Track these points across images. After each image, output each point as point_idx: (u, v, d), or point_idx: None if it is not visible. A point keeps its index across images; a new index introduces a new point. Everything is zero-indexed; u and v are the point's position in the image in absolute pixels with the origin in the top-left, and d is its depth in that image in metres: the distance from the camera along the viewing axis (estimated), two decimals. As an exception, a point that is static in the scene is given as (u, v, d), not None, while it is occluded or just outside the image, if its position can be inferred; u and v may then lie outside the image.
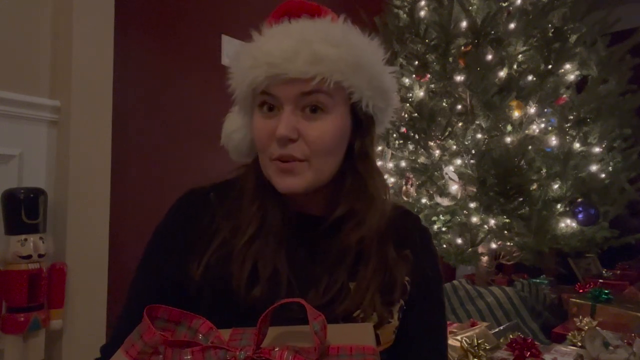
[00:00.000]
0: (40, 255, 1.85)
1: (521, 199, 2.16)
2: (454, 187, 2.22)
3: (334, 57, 0.81)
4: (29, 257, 1.82)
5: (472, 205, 2.20)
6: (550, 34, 2.22)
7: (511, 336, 1.76)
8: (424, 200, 2.39)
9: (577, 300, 2.26)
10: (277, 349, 0.61)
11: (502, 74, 2.26)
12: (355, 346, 0.64)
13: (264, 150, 0.86)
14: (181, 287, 0.86)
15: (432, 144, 2.31)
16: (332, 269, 0.86)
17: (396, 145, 2.53)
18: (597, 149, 2.28)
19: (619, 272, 3.11)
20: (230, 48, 2.70)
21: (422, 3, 2.48)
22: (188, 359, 0.60)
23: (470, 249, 2.26)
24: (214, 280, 0.85)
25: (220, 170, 0.99)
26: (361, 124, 0.91)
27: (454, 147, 2.26)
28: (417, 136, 2.35)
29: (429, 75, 2.39)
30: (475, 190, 2.18)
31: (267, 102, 0.85)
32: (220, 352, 0.61)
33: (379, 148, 2.53)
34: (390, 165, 2.53)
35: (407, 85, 2.51)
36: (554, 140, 2.21)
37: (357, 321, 0.83)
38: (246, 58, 0.85)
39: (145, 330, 0.61)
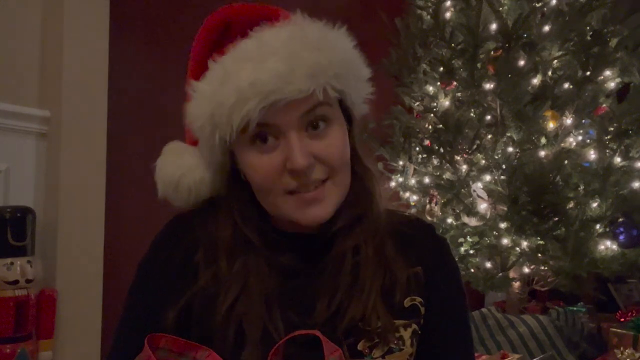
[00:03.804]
0: (28, 281, 1.83)
1: (556, 218, 2.09)
2: (483, 206, 2.18)
3: (326, 63, 0.76)
4: (15, 282, 1.80)
5: (503, 225, 2.17)
6: (589, 38, 2.17)
7: (547, 371, 1.67)
8: (449, 220, 2.36)
9: (618, 330, 2.20)
10: None
11: (536, 81, 2.21)
12: None
13: (272, 190, 0.80)
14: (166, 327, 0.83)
15: (458, 158, 2.29)
16: (333, 281, 0.83)
17: (419, 160, 2.53)
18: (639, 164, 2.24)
19: (664, 298, 3.15)
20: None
21: (448, 4, 2.44)
22: None
23: (500, 274, 2.23)
24: (198, 321, 0.82)
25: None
26: (351, 122, 0.88)
27: (483, 161, 2.24)
28: (442, 150, 2.33)
29: (455, 83, 2.37)
30: (506, 209, 2.13)
31: (261, 134, 0.78)
32: None
33: (400, 162, 2.53)
34: (413, 181, 2.52)
35: (431, 93, 2.50)
36: (592, 154, 2.16)
37: (364, 333, 0.81)
38: (224, 89, 0.76)
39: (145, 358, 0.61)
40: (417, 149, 2.49)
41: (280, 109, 0.74)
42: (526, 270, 2.31)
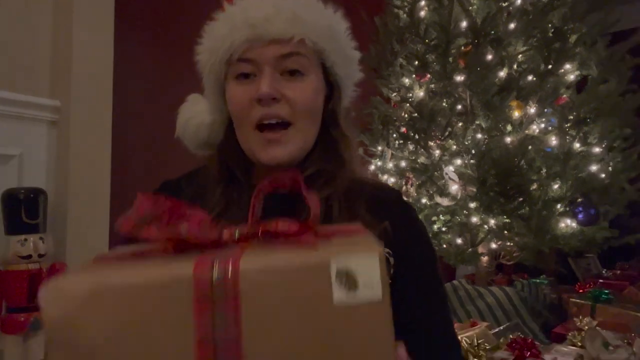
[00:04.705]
0: (40, 255, 1.85)
1: (521, 199, 2.16)
2: (454, 187, 2.22)
3: (311, 20, 0.85)
4: (29, 257, 1.83)
5: (472, 205, 2.20)
6: (550, 34, 2.22)
7: (511, 336, 1.75)
8: (424, 200, 2.38)
9: (577, 300, 2.25)
10: (273, 222, 0.59)
11: (502, 74, 2.26)
12: (344, 226, 0.66)
13: (245, 117, 0.87)
14: None
15: (432, 144, 2.32)
16: None
17: (396, 145, 2.54)
18: (597, 149, 2.27)
19: (619, 272, 3.09)
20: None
21: (422, 3, 2.48)
22: (184, 227, 0.57)
23: (470, 249, 2.26)
24: None
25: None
26: (332, 90, 0.94)
27: (454, 147, 2.27)
28: (417, 136, 2.36)
29: (429, 75, 2.40)
30: (475, 190, 2.19)
31: (244, 71, 0.86)
32: (217, 225, 0.59)
33: (379, 148, 2.54)
34: (390, 165, 2.53)
35: (407, 85, 2.52)
36: (554, 140, 2.21)
37: None
38: (222, 25, 0.88)
39: (139, 204, 0.59)
40: (394, 135, 2.51)
41: (261, 46, 0.83)
42: (493, 245, 2.34)
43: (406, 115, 2.49)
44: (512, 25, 2.24)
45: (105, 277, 0.52)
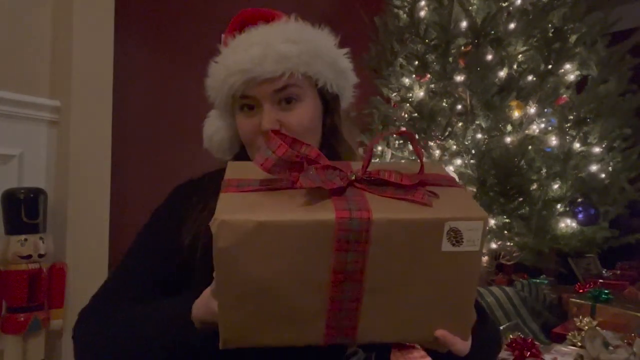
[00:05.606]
0: (40, 255, 1.86)
1: (521, 199, 2.17)
2: (454, 187, 2.19)
3: (296, 53, 0.93)
4: (29, 257, 1.84)
5: (472, 205, 2.18)
6: (550, 34, 2.23)
7: (511, 336, 1.75)
8: (424, 200, 2.35)
9: (577, 300, 2.22)
10: (384, 171, 0.72)
11: (502, 74, 2.27)
12: (443, 175, 0.79)
13: (252, 144, 0.98)
14: (177, 257, 0.94)
15: (432, 144, 2.32)
16: None
17: (396, 146, 2.55)
18: (597, 149, 2.28)
19: (619, 272, 3.07)
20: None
21: (422, 3, 2.49)
22: (312, 174, 0.68)
23: (470, 249, 2.23)
24: (204, 247, 0.93)
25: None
26: (328, 104, 1.04)
27: (454, 147, 2.28)
28: (417, 136, 2.36)
29: (429, 75, 2.41)
30: (475, 190, 2.19)
31: (247, 104, 0.97)
32: (336, 171, 0.71)
33: (379, 148, 2.54)
34: (390, 165, 2.50)
35: (407, 85, 2.53)
36: (554, 140, 2.22)
37: None
38: (220, 70, 0.98)
39: (276, 147, 0.70)
40: (394, 135, 2.52)
41: (257, 85, 0.93)
42: (494, 246, 2.31)
43: (406, 115, 2.49)
44: (512, 25, 2.25)
45: (263, 213, 0.65)
